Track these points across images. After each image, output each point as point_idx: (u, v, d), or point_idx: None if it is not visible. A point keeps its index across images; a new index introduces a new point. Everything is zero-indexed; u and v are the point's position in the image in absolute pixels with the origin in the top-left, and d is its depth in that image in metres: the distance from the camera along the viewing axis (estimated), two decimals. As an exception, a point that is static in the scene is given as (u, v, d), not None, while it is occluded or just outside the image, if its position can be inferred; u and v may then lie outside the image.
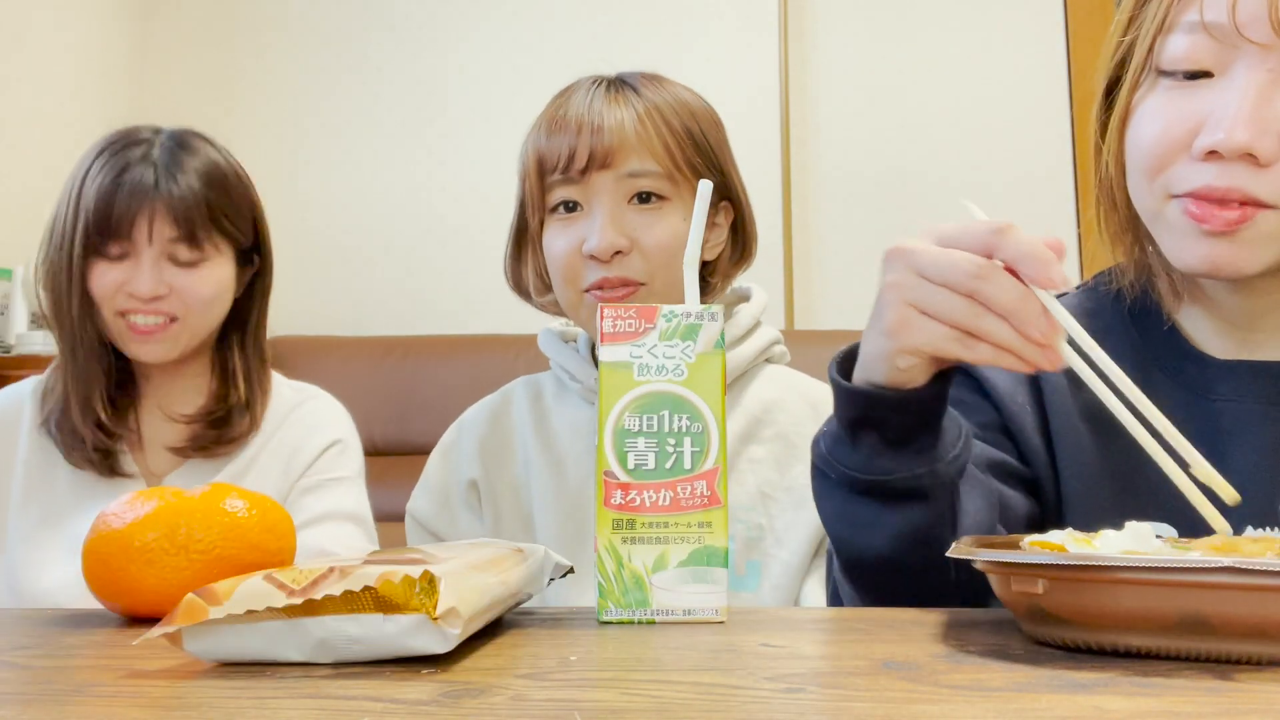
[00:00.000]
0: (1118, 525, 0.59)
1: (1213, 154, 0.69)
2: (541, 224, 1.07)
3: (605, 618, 0.63)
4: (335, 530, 1.26)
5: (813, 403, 1.09)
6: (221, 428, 1.28)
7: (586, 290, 1.03)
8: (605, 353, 0.65)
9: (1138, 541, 0.54)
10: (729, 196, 1.10)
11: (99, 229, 1.19)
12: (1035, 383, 0.85)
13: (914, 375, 0.67)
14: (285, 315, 3.11)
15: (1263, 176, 0.68)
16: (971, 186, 2.82)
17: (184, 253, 1.21)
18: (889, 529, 0.70)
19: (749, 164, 1.13)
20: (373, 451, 2.51)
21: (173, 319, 1.23)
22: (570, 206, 1.04)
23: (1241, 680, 0.45)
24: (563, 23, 2.97)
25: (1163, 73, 0.73)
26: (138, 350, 1.24)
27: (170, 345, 1.24)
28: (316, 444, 1.30)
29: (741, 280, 1.17)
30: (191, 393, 1.30)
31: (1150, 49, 0.74)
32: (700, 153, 1.05)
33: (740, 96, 2.89)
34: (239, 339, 1.32)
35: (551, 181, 1.04)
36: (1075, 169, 2.78)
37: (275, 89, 3.08)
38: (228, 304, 1.29)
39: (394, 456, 2.50)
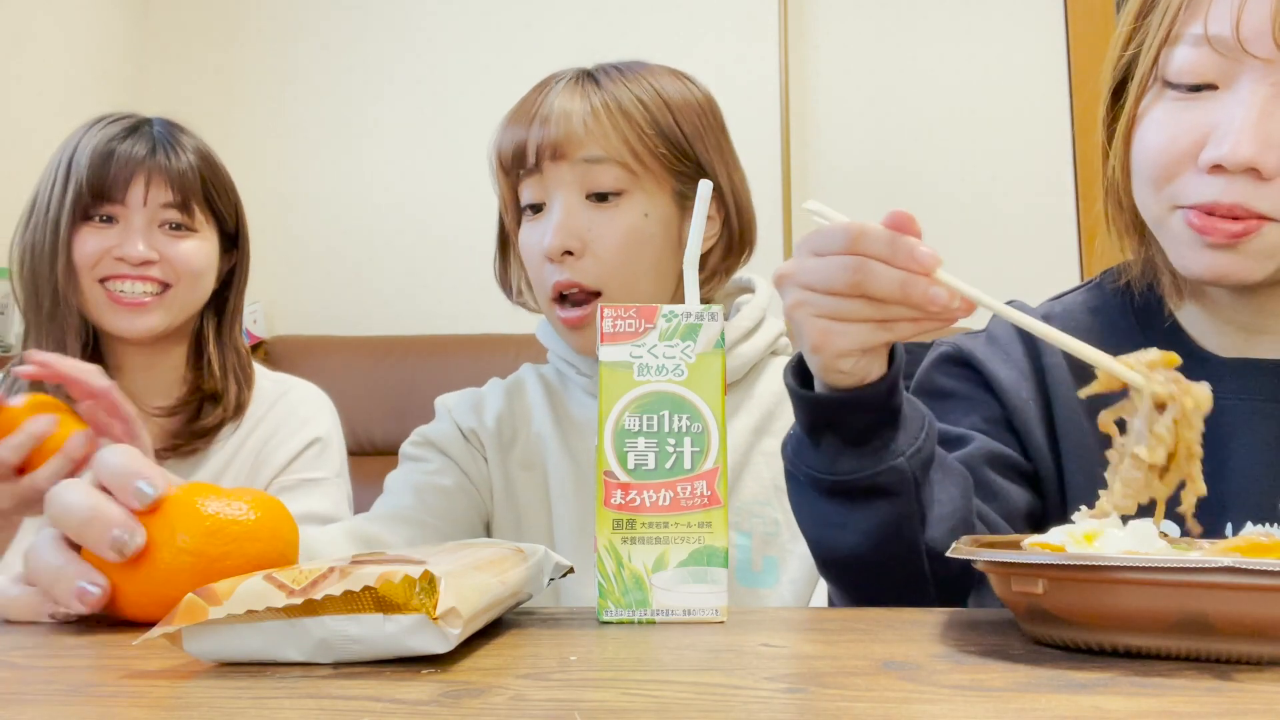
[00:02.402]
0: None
1: (1217, 167, 0.70)
2: (518, 224, 1.06)
3: (605, 618, 0.63)
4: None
5: None
6: (195, 419, 1.25)
7: (552, 298, 1.02)
8: (605, 352, 0.65)
9: (1140, 540, 0.54)
10: (717, 185, 1.05)
11: (92, 189, 1.17)
12: (1040, 376, 0.86)
13: (865, 369, 0.68)
14: (285, 315, 3.11)
15: (1266, 190, 0.69)
16: (971, 186, 2.82)
17: (177, 218, 1.20)
18: (857, 526, 0.71)
19: (749, 164, 1.12)
20: (373, 451, 2.52)
21: (165, 286, 1.20)
22: (537, 207, 1.03)
23: (1241, 680, 0.45)
24: (563, 23, 2.97)
25: (1168, 84, 0.74)
26: (123, 323, 1.20)
27: (161, 315, 1.21)
28: (296, 441, 1.28)
29: (743, 274, 1.16)
30: (167, 387, 1.26)
31: (1155, 59, 0.74)
32: (668, 142, 1.01)
33: (740, 96, 2.88)
34: (215, 329, 1.30)
35: (517, 178, 1.03)
36: (1075, 168, 2.78)
37: (275, 88, 3.08)
38: (212, 284, 1.28)
39: (393, 456, 2.49)
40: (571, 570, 0.71)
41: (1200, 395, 0.58)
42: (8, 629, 0.64)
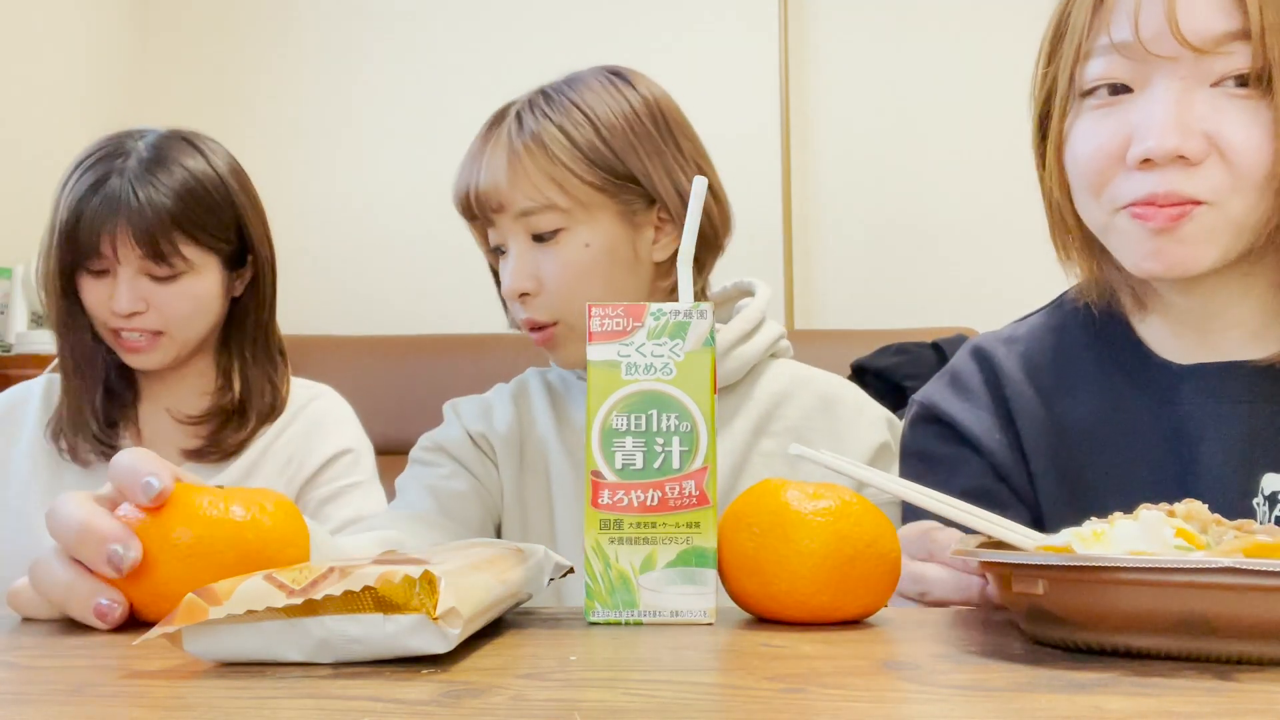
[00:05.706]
0: None
1: (1147, 161, 0.73)
2: (494, 259, 1.11)
3: (592, 618, 0.63)
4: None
5: (821, 395, 1.09)
6: (220, 431, 1.27)
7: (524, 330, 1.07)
8: (593, 351, 0.65)
9: (1149, 532, 0.54)
10: (658, 198, 1.05)
11: (72, 249, 1.19)
12: (1004, 406, 0.88)
13: None
14: (286, 315, 3.10)
15: (1196, 175, 0.73)
16: (971, 185, 2.82)
17: (156, 269, 1.19)
18: None
19: (749, 164, 1.13)
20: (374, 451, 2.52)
21: (157, 333, 1.22)
22: (498, 250, 1.07)
23: (1241, 680, 0.45)
24: (562, 23, 2.97)
25: (1086, 96, 0.78)
26: (130, 361, 1.25)
27: (160, 356, 1.23)
28: (324, 451, 1.30)
29: (743, 276, 1.17)
30: (196, 394, 1.29)
31: (1071, 78, 0.79)
32: (596, 168, 1.02)
33: (740, 97, 2.88)
34: (238, 341, 1.31)
35: (477, 222, 1.07)
36: (1075, 169, 2.78)
37: (275, 89, 3.08)
38: (215, 312, 1.27)
39: (394, 456, 2.49)
40: (572, 570, 0.71)
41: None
42: (8, 629, 0.64)
